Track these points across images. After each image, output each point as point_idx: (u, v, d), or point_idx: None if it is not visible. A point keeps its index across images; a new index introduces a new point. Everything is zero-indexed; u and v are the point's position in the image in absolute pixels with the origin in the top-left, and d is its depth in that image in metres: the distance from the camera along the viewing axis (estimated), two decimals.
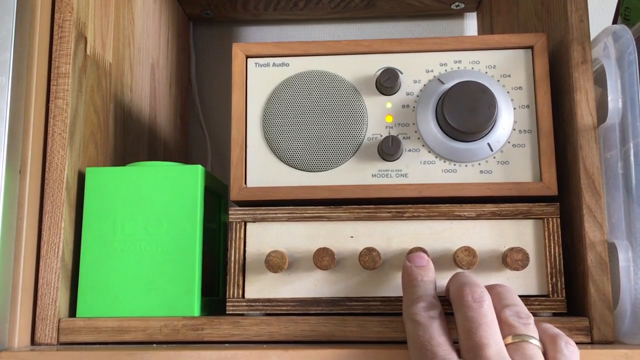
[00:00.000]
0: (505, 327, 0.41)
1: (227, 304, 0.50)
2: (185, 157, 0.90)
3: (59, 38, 0.54)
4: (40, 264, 0.51)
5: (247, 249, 0.51)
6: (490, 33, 0.83)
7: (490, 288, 0.44)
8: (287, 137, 0.53)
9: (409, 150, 0.52)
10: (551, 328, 0.43)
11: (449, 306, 0.43)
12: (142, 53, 0.72)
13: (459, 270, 0.48)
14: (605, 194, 0.49)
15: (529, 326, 0.41)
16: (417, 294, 0.44)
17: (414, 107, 0.53)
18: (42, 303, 0.50)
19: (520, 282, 0.49)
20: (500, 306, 0.42)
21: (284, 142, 0.53)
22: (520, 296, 0.45)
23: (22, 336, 0.49)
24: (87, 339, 0.50)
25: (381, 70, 0.53)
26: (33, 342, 0.50)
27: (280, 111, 0.53)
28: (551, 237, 0.50)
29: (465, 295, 0.41)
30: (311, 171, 0.52)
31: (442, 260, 0.49)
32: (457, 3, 0.89)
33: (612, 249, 0.48)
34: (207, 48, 0.96)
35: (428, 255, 0.47)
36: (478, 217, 0.50)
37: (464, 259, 0.48)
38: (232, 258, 0.51)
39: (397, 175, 0.52)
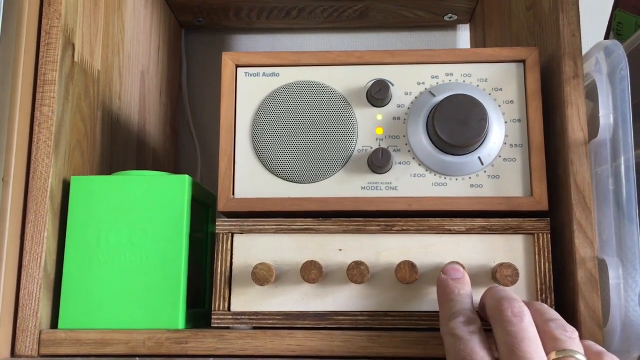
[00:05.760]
0: (550, 341, 0.39)
1: (213, 317, 0.49)
2: (175, 165, 0.89)
3: (46, 45, 0.53)
4: (22, 274, 0.50)
5: (234, 261, 0.50)
6: (483, 45, 0.83)
7: (528, 305, 0.42)
8: (276, 148, 0.52)
9: (399, 163, 0.51)
10: (595, 345, 0.41)
11: (485, 323, 0.42)
12: (132, 60, 0.71)
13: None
14: (596, 210, 0.49)
15: (574, 340, 0.39)
16: (455, 308, 0.42)
17: (404, 120, 0.52)
18: (23, 314, 0.49)
19: None
20: (543, 320, 0.41)
21: (273, 153, 0.52)
22: None
23: (2, 348, 0.48)
24: (68, 352, 0.48)
25: (372, 82, 0.52)
26: (13, 354, 0.49)
27: (270, 122, 0.52)
28: (541, 253, 0.49)
29: (504, 309, 0.40)
30: (300, 183, 0.52)
31: (431, 276, 0.49)
32: (450, 15, 0.89)
33: (602, 266, 0.48)
34: (199, 56, 0.95)
35: (464, 269, 0.46)
36: (468, 231, 0.50)
37: None
38: (219, 270, 0.50)
39: (387, 188, 0.51)
